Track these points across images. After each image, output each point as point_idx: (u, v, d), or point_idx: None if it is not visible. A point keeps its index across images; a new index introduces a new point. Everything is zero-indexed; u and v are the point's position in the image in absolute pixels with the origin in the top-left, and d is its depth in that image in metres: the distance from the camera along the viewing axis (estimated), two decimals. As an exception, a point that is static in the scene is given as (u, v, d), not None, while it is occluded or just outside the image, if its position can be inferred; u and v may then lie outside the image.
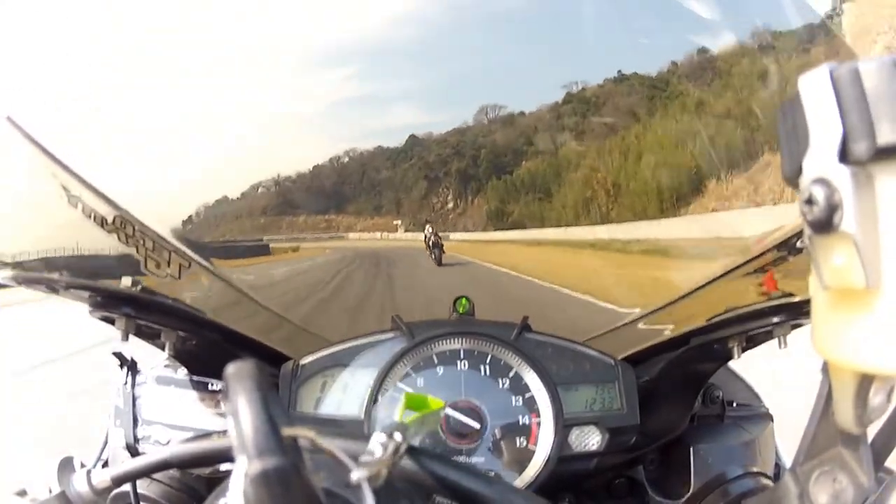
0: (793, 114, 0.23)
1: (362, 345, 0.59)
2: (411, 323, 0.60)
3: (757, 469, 0.61)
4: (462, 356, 0.58)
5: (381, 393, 0.56)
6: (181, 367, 0.65)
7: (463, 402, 0.56)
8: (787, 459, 0.70)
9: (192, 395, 0.65)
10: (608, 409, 0.59)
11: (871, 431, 0.31)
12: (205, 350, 0.62)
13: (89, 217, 0.52)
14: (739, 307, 0.56)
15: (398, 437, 0.33)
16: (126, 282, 0.56)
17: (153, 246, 0.55)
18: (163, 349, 0.59)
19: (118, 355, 0.67)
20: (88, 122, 0.53)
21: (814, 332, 0.25)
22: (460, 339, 0.59)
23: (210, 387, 0.64)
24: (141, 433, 0.63)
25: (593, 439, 0.57)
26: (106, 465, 0.66)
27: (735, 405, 0.69)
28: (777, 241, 0.51)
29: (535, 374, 0.57)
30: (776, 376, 1.26)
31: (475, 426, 0.55)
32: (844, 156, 0.21)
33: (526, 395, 0.57)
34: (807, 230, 0.23)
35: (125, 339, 0.57)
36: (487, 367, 0.58)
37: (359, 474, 0.29)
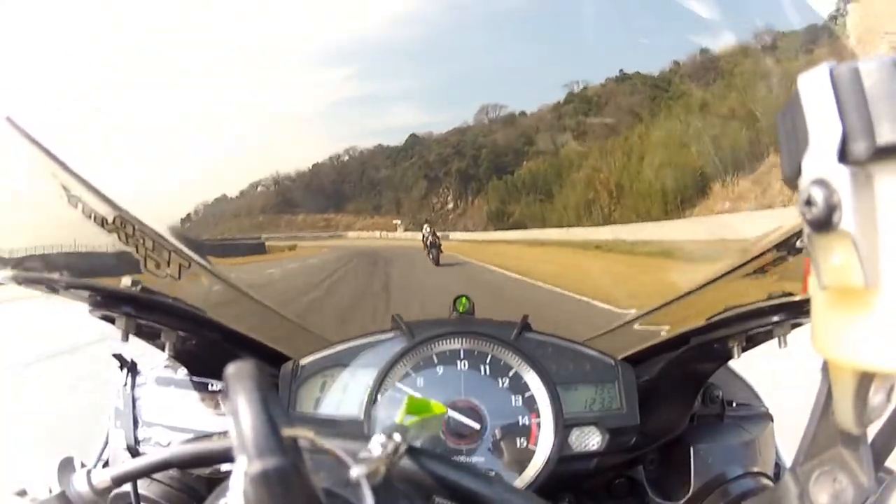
0: (792, 113, 0.23)
1: (362, 345, 0.59)
2: (411, 322, 0.59)
3: (757, 469, 0.61)
4: (462, 356, 0.58)
5: (380, 393, 0.56)
6: (181, 367, 0.65)
7: (463, 402, 0.56)
8: (788, 459, 0.70)
9: (192, 395, 0.65)
10: (608, 409, 0.59)
11: (872, 431, 0.31)
12: (205, 350, 0.62)
13: (89, 217, 0.52)
14: (739, 307, 0.56)
15: (397, 437, 0.33)
16: (126, 281, 0.56)
17: (153, 246, 0.55)
18: (163, 349, 0.59)
19: (118, 357, 0.67)
20: (88, 122, 0.53)
21: (813, 331, 0.25)
22: (460, 339, 0.59)
23: (210, 387, 0.64)
24: (141, 434, 0.63)
25: (593, 439, 0.58)
26: (106, 465, 0.66)
27: (735, 405, 0.69)
28: (777, 241, 0.51)
29: (534, 373, 0.57)
30: (776, 376, 1.26)
31: (475, 426, 0.55)
32: (844, 156, 0.21)
33: (526, 394, 0.57)
34: (806, 230, 0.23)
35: (125, 339, 0.57)
36: (487, 367, 0.58)
37: (357, 471, 0.29)
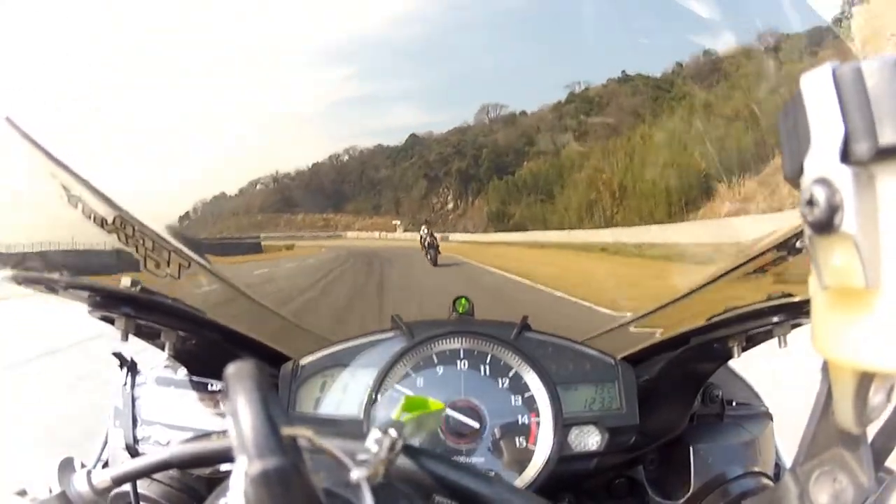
0: (794, 113, 0.23)
1: (362, 345, 0.59)
2: (411, 323, 0.59)
3: (757, 469, 0.61)
4: (462, 356, 0.58)
5: (380, 393, 0.56)
6: (181, 367, 0.65)
7: (462, 401, 0.56)
8: (788, 459, 0.70)
9: (191, 395, 0.65)
10: (608, 409, 0.59)
11: (871, 431, 0.31)
12: (204, 350, 0.62)
13: (89, 217, 0.52)
14: (739, 307, 0.56)
15: (393, 433, 0.33)
16: (126, 282, 0.55)
17: (153, 246, 0.55)
18: (163, 349, 0.59)
19: (118, 356, 0.67)
20: (88, 122, 0.53)
21: (814, 331, 0.25)
22: (460, 339, 0.59)
23: (210, 387, 0.64)
24: (141, 434, 0.63)
25: (593, 439, 0.57)
26: (106, 465, 0.66)
27: (735, 404, 0.69)
28: (777, 242, 0.51)
29: (534, 373, 0.57)
30: (776, 376, 1.26)
31: (475, 426, 0.55)
32: (846, 156, 0.21)
33: (525, 394, 0.57)
34: (807, 230, 0.23)
35: (125, 338, 0.57)
36: (487, 367, 0.58)
37: (358, 473, 0.29)
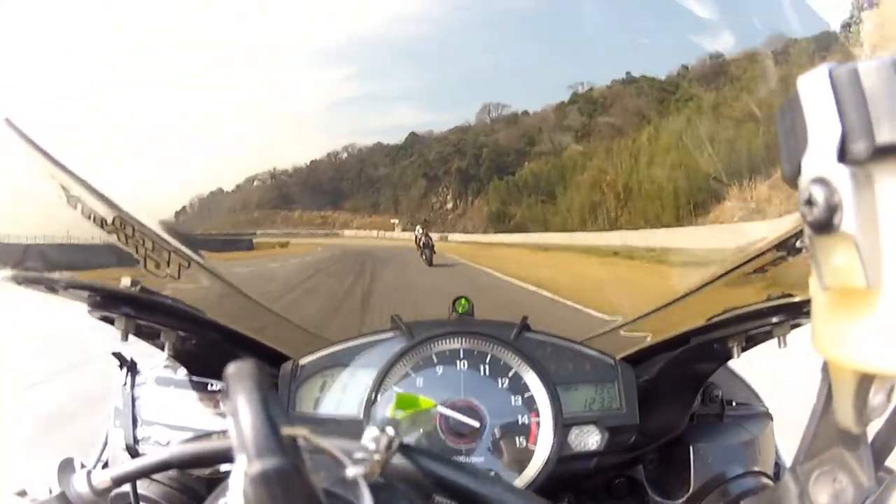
0: (792, 114, 0.23)
1: (362, 345, 0.59)
2: (410, 323, 0.59)
3: (757, 468, 0.61)
4: (462, 356, 0.58)
5: (380, 393, 0.56)
6: (181, 367, 0.65)
7: (462, 401, 0.56)
8: (788, 459, 0.70)
9: (191, 395, 0.65)
10: (608, 409, 0.59)
11: (871, 431, 0.31)
12: (204, 350, 0.62)
13: (89, 218, 0.52)
14: (739, 307, 0.56)
15: (390, 431, 0.33)
16: (125, 282, 0.55)
17: (153, 246, 0.55)
18: (162, 349, 0.59)
19: (118, 356, 0.67)
20: (88, 122, 0.53)
21: (814, 331, 0.25)
22: (460, 339, 0.59)
23: (210, 387, 0.64)
24: (141, 434, 0.63)
25: (593, 439, 0.58)
26: (106, 465, 0.66)
27: (734, 404, 0.69)
28: (777, 242, 0.51)
29: (534, 373, 0.57)
30: (776, 376, 1.26)
31: (474, 426, 0.55)
32: (843, 155, 0.21)
33: (525, 394, 0.57)
34: (807, 231, 0.23)
35: (125, 338, 0.57)
36: (487, 367, 0.58)
37: (355, 471, 0.29)
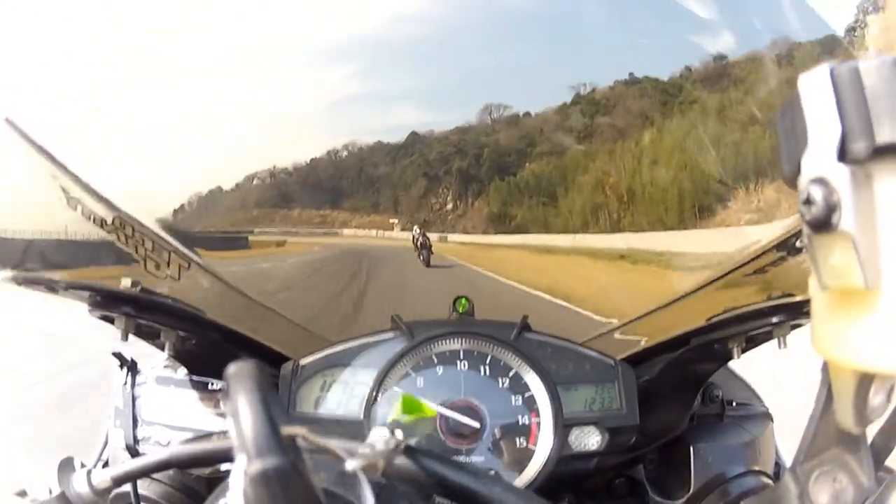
0: (792, 113, 0.23)
1: (362, 345, 0.59)
2: (411, 323, 0.59)
3: (757, 468, 0.61)
4: (462, 356, 0.58)
5: (380, 393, 0.56)
6: (181, 367, 0.65)
7: (462, 401, 0.56)
8: (788, 459, 0.70)
9: (192, 395, 0.65)
10: (608, 409, 0.59)
11: (871, 431, 0.31)
12: (205, 350, 0.62)
13: (89, 218, 0.52)
14: (739, 307, 0.56)
15: (399, 434, 0.33)
16: (126, 282, 0.55)
17: (153, 247, 0.55)
18: (163, 349, 0.59)
19: (118, 355, 0.67)
20: (88, 123, 0.53)
21: (813, 331, 0.25)
22: (460, 339, 0.59)
23: (210, 387, 0.64)
24: (141, 434, 0.63)
25: (593, 439, 0.57)
26: (106, 465, 0.66)
27: (735, 405, 0.69)
28: (776, 242, 0.51)
29: (534, 373, 0.57)
30: (776, 376, 1.26)
31: (474, 426, 0.55)
32: (843, 155, 0.21)
33: (526, 394, 0.57)
34: (806, 230, 0.23)
35: (125, 338, 0.57)
36: (487, 367, 0.58)
37: (353, 464, 0.29)
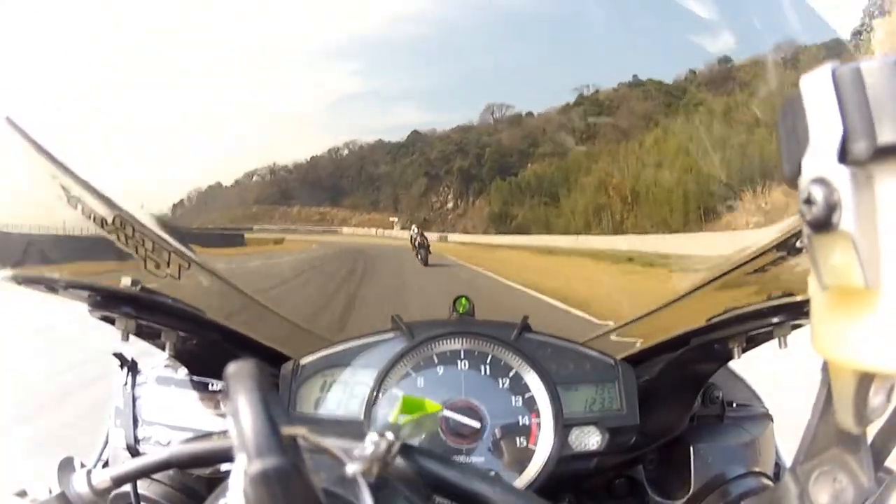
0: (793, 113, 0.23)
1: (362, 345, 0.59)
2: (411, 323, 0.59)
3: (757, 469, 0.61)
4: (462, 356, 0.58)
5: (381, 393, 0.56)
6: (181, 367, 0.65)
7: (462, 401, 0.56)
8: (788, 459, 0.70)
9: (192, 395, 0.65)
10: (608, 409, 0.59)
11: (871, 431, 0.31)
12: (205, 350, 0.62)
13: (89, 218, 0.52)
14: (739, 307, 0.56)
15: (390, 435, 0.33)
16: (126, 282, 0.56)
17: (153, 246, 0.55)
18: (163, 349, 0.59)
19: (118, 356, 0.67)
20: (88, 122, 0.53)
21: (813, 331, 0.25)
22: (460, 340, 0.59)
23: (210, 387, 0.64)
24: (141, 433, 0.63)
25: (593, 439, 0.57)
26: (106, 465, 0.66)
27: (735, 405, 0.69)
28: (777, 242, 0.51)
29: (535, 374, 0.57)
30: (776, 377, 1.26)
31: (475, 426, 0.55)
32: (844, 155, 0.21)
33: (526, 395, 0.57)
34: (806, 230, 0.23)
35: (125, 338, 0.57)
36: (487, 367, 0.58)
37: (353, 468, 0.29)
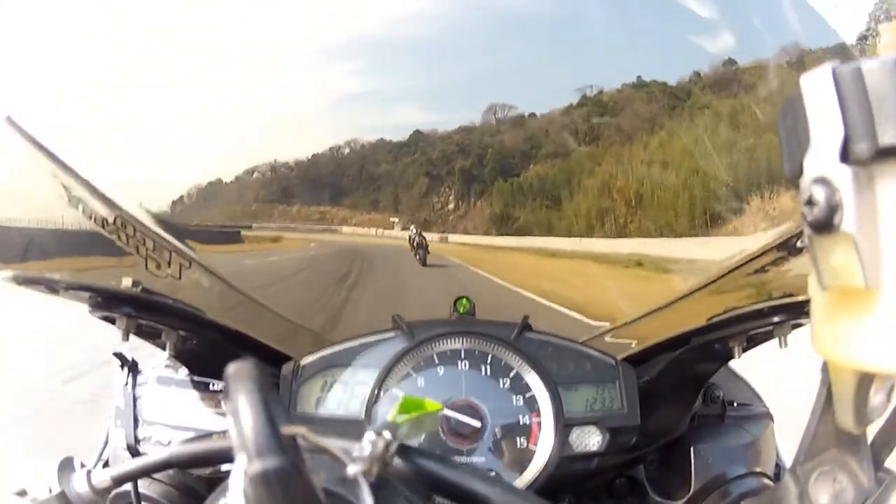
0: (794, 113, 0.23)
1: (363, 345, 0.59)
2: (412, 323, 0.59)
3: (758, 469, 0.61)
4: (463, 356, 0.58)
5: (381, 393, 0.56)
6: (182, 367, 0.65)
7: (463, 401, 0.56)
8: (788, 459, 0.70)
9: (192, 395, 0.65)
10: (609, 409, 0.59)
11: (871, 431, 0.31)
12: (205, 350, 0.62)
13: (90, 218, 0.52)
14: (740, 307, 0.56)
15: (388, 434, 0.33)
16: (126, 282, 0.56)
17: (153, 246, 0.55)
18: (163, 349, 0.59)
19: (119, 356, 0.67)
20: (88, 122, 0.53)
21: (813, 331, 0.25)
22: (461, 339, 0.59)
23: (211, 387, 0.64)
24: (142, 433, 0.63)
25: (594, 439, 0.57)
26: (106, 465, 0.66)
27: (735, 405, 0.69)
28: (777, 242, 0.51)
29: (535, 373, 0.57)
30: (776, 377, 1.26)
31: (475, 426, 0.55)
32: (845, 156, 0.21)
33: (526, 394, 0.57)
34: (807, 230, 0.23)
35: (125, 338, 0.57)
36: (488, 367, 0.58)
37: (354, 469, 0.29)
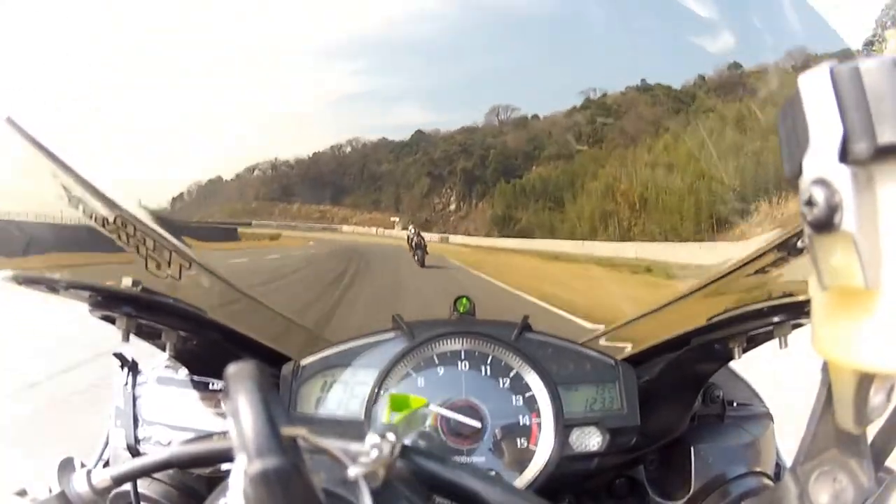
0: (793, 113, 0.23)
1: (363, 345, 0.59)
2: (412, 323, 0.59)
3: (757, 469, 0.61)
4: (463, 356, 0.58)
5: (381, 393, 0.56)
6: (182, 367, 0.65)
7: (463, 401, 0.56)
8: (788, 459, 0.70)
9: (192, 395, 0.65)
10: (609, 410, 0.59)
11: (871, 431, 0.31)
12: (205, 350, 0.62)
13: (90, 218, 0.52)
14: (740, 307, 0.56)
15: (391, 437, 0.33)
16: (126, 282, 0.56)
17: (154, 246, 0.55)
18: (163, 349, 0.59)
19: (119, 356, 0.67)
20: (88, 122, 0.53)
21: (813, 331, 0.25)
22: (461, 340, 0.59)
23: (211, 387, 0.64)
24: (142, 433, 0.63)
25: (594, 439, 0.57)
26: (106, 465, 0.66)
27: (735, 405, 0.69)
28: (777, 242, 0.51)
29: (535, 374, 0.57)
30: (776, 377, 1.26)
31: (475, 426, 0.55)
32: (845, 156, 0.21)
33: (526, 395, 0.57)
34: (807, 230, 0.23)
35: (126, 338, 0.57)
36: (488, 367, 0.58)
37: (356, 471, 0.29)
